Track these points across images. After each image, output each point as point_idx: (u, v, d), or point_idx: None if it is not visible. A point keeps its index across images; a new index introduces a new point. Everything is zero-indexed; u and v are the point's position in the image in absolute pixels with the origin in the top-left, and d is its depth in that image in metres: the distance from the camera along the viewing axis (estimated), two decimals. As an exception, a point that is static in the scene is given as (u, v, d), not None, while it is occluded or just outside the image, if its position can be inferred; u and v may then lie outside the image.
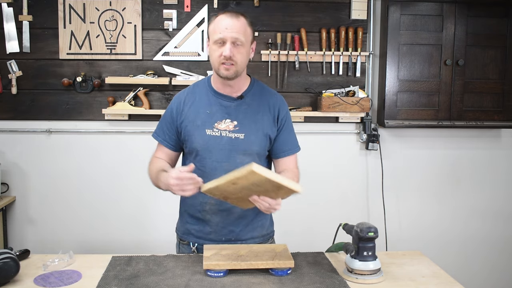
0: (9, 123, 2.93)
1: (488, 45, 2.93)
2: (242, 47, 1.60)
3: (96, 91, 2.93)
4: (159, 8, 2.91)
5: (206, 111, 1.69)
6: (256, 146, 1.68)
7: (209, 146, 1.67)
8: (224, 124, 1.67)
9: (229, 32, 1.57)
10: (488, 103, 2.97)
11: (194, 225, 1.76)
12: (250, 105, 1.70)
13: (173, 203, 1.91)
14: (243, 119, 1.68)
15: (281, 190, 1.39)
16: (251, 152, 1.67)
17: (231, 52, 1.57)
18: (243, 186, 1.39)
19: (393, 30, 2.88)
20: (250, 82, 1.74)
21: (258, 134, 1.68)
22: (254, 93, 1.72)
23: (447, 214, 3.18)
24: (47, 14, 2.87)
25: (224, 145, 1.66)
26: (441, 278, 1.54)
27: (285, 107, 1.76)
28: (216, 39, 1.59)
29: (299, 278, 1.49)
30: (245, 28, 1.60)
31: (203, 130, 1.67)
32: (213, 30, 1.61)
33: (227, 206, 1.68)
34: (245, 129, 1.67)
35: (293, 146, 1.77)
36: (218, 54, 1.59)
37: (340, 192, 3.10)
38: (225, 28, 1.57)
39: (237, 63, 1.60)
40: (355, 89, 2.96)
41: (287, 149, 1.75)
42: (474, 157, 3.16)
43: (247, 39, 1.61)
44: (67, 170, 2.97)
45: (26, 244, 2.95)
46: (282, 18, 2.96)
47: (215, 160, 1.67)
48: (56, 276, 1.49)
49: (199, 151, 1.69)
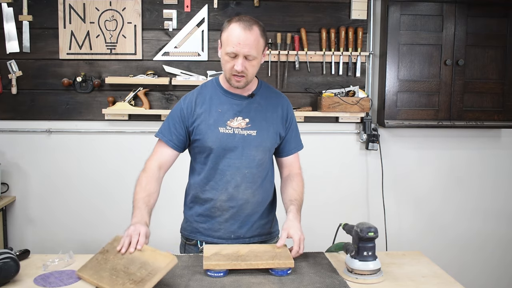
0: (9, 123, 2.93)
1: (488, 45, 2.93)
2: (254, 60, 1.61)
3: (96, 91, 2.93)
4: (159, 8, 2.91)
5: (218, 109, 1.71)
6: (268, 143, 1.73)
7: (223, 144, 1.68)
8: (236, 122, 1.70)
9: (242, 48, 1.57)
10: (488, 103, 2.97)
11: (203, 223, 1.76)
12: (260, 103, 1.74)
13: (173, 203, 1.92)
14: (255, 116, 1.71)
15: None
16: (263, 148, 1.72)
17: (243, 66, 1.59)
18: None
19: (393, 30, 2.88)
20: (258, 83, 1.78)
21: (270, 130, 1.73)
22: (263, 93, 1.76)
23: (447, 214, 3.18)
24: (47, 14, 2.87)
25: (237, 143, 1.69)
26: (441, 278, 1.53)
27: (291, 107, 1.83)
28: (228, 52, 1.59)
29: (299, 278, 1.49)
30: (258, 40, 1.60)
31: (216, 129, 1.69)
32: (226, 41, 1.60)
33: (238, 203, 1.73)
34: (257, 126, 1.70)
35: (298, 145, 1.85)
36: (230, 66, 1.61)
37: (340, 192, 3.10)
38: (238, 43, 1.56)
39: (248, 75, 1.63)
40: (355, 89, 2.96)
41: (292, 147, 1.82)
42: (474, 157, 3.16)
43: (259, 51, 1.62)
44: (67, 170, 2.97)
45: (26, 244, 2.95)
46: (282, 18, 2.96)
47: (228, 157, 1.69)
48: (56, 276, 1.49)
49: (213, 149, 1.70)
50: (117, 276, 1.40)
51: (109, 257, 1.50)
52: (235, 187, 1.71)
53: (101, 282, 1.39)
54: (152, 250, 1.45)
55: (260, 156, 1.72)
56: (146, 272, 1.38)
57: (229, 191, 1.72)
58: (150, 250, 1.45)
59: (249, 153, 1.70)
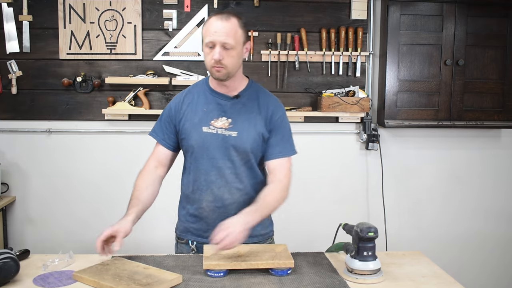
0: (9, 123, 2.93)
1: (488, 45, 2.93)
2: (232, 50, 1.60)
3: (96, 91, 2.93)
4: (159, 8, 2.91)
5: (203, 109, 1.71)
6: (248, 144, 1.68)
7: (206, 143, 1.68)
8: (220, 122, 1.69)
9: (218, 36, 1.57)
10: (488, 103, 2.97)
11: (193, 223, 1.77)
12: (245, 104, 1.71)
13: (173, 203, 1.91)
14: (237, 117, 1.69)
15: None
16: (243, 150, 1.68)
17: (221, 55, 1.58)
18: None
19: (393, 30, 2.88)
20: (248, 84, 1.75)
21: (251, 132, 1.68)
22: (251, 94, 1.73)
23: (447, 214, 3.18)
24: (47, 14, 2.87)
25: (220, 143, 1.68)
26: (441, 278, 1.54)
27: (280, 110, 1.74)
28: (206, 42, 1.61)
29: (299, 278, 1.49)
30: (236, 30, 1.60)
31: (200, 128, 1.69)
32: (204, 33, 1.63)
33: (224, 203, 1.71)
34: (238, 127, 1.68)
35: (284, 150, 1.72)
36: (210, 58, 1.61)
37: (340, 192, 3.10)
38: (214, 32, 1.58)
39: (227, 66, 1.61)
40: (355, 89, 2.96)
41: (276, 152, 1.71)
42: (474, 157, 3.16)
43: (238, 41, 1.61)
44: (67, 170, 2.97)
45: (26, 244, 2.94)
46: (282, 18, 2.96)
47: (211, 157, 1.69)
48: (55, 276, 1.49)
49: (195, 148, 1.70)
50: (121, 279, 1.41)
51: (110, 267, 1.51)
52: (220, 187, 1.71)
53: (102, 281, 1.40)
54: (157, 269, 1.48)
55: (241, 157, 1.69)
56: (152, 281, 1.39)
57: (214, 191, 1.71)
58: (154, 269, 1.48)
59: (230, 154, 1.68)
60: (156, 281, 1.38)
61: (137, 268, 1.49)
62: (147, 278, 1.41)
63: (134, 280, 1.40)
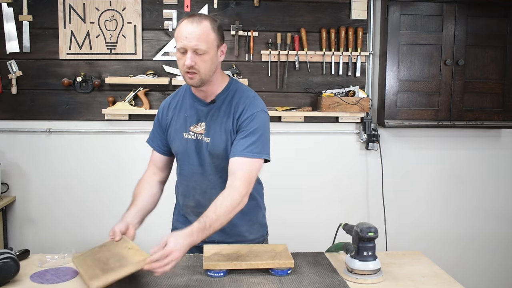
0: (9, 123, 2.93)
1: (488, 45, 2.93)
2: (205, 55, 1.53)
3: (96, 91, 2.93)
4: (159, 8, 2.91)
5: (185, 114, 1.70)
6: (220, 150, 1.64)
7: (187, 149, 1.69)
8: (200, 127, 1.67)
9: (189, 41, 1.51)
10: (488, 103, 2.97)
11: (182, 224, 1.76)
12: (219, 108, 1.66)
13: (173, 203, 1.92)
14: (211, 122, 1.66)
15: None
16: (218, 154, 1.65)
17: (192, 61, 1.52)
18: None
19: (393, 30, 2.88)
20: (226, 85, 1.68)
21: (222, 137, 1.63)
22: (227, 97, 1.66)
23: (447, 214, 3.18)
24: (47, 14, 2.87)
25: (199, 149, 1.67)
26: (441, 278, 1.54)
27: (252, 109, 1.62)
28: (178, 48, 1.54)
29: (299, 278, 1.49)
30: (208, 34, 1.53)
31: (181, 134, 1.69)
32: (176, 37, 1.55)
33: (205, 208, 1.58)
34: (211, 133, 1.65)
35: (246, 150, 1.58)
36: (182, 63, 1.54)
37: (340, 192, 3.10)
38: (185, 37, 1.51)
39: (200, 71, 1.54)
40: (355, 89, 2.96)
41: (238, 150, 1.58)
42: (474, 157, 3.16)
43: (211, 45, 1.54)
44: (67, 170, 2.97)
45: (26, 244, 2.94)
46: (282, 18, 2.96)
47: (192, 163, 1.69)
48: (52, 273, 1.51)
49: (178, 154, 1.72)
50: (96, 266, 1.43)
51: (102, 249, 1.53)
52: (201, 193, 1.70)
53: (81, 268, 1.44)
54: (137, 249, 1.46)
55: (218, 163, 1.65)
56: (118, 264, 1.40)
57: (196, 197, 1.71)
58: (136, 249, 1.47)
59: (207, 159, 1.67)
60: (121, 265, 1.39)
61: (121, 250, 1.48)
62: (115, 262, 1.42)
63: (105, 264, 1.42)
